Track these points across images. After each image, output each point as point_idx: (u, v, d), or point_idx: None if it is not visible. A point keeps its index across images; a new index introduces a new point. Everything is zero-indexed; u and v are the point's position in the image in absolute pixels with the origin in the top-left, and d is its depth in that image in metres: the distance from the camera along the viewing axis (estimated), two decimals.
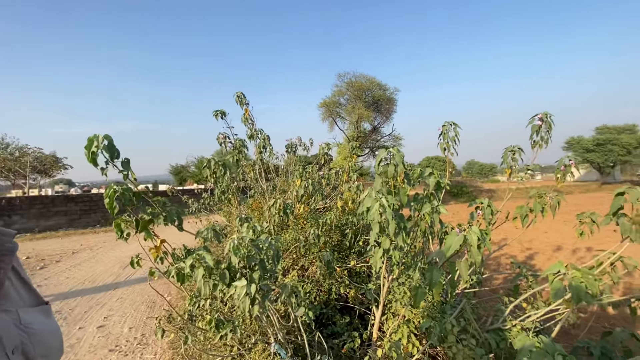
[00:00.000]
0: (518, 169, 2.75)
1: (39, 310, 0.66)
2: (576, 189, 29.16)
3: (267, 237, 1.94)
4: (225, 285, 1.81)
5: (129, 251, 7.45)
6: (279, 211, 3.23)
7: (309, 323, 2.10)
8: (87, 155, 1.68)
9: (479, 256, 1.37)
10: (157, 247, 1.92)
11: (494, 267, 6.20)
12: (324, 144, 4.73)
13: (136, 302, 4.40)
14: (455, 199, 24.40)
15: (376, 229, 1.77)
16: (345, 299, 3.28)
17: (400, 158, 1.72)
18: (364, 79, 24.63)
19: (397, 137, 26.76)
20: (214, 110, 3.63)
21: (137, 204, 1.88)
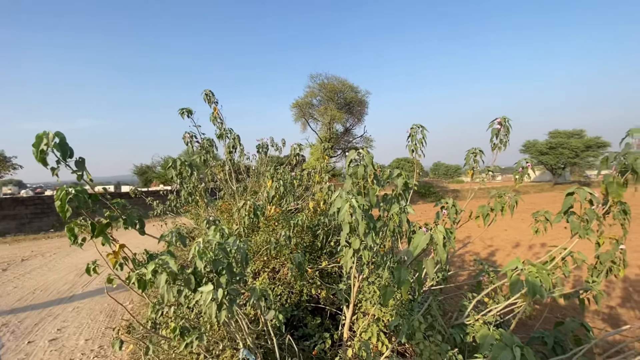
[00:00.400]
0: (480, 170, 2.89)
1: None
2: (532, 188, 31.31)
3: (236, 240, 1.88)
4: (191, 290, 1.73)
5: (87, 257, 6.96)
6: (249, 213, 3.16)
7: (279, 326, 2.07)
8: (35, 154, 1.55)
9: (445, 254, 1.41)
10: (115, 253, 1.80)
11: (459, 264, 6.48)
12: (296, 145, 4.71)
13: (94, 312, 4.11)
14: (423, 199, 25.30)
15: (346, 229, 1.77)
16: (317, 300, 3.27)
17: (370, 159, 1.74)
18: (336, 80, 24.89)
19: (368, 138, 27.30)
20: (180, 108, 3.48)
21: (93, 206, 1.75)
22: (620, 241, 2.05)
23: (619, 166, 1.72)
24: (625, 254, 2.16)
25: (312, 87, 25.38)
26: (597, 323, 3.77)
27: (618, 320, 3.86)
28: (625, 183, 1.72)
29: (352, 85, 25.14)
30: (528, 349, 1.05)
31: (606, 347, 3.06)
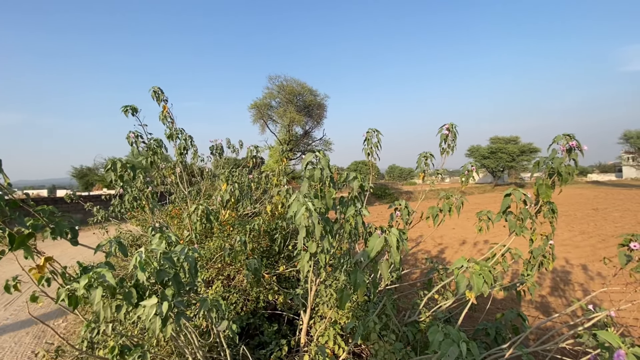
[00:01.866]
0: (430, 173, 3.04)
1: None
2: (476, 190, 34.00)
3: (184, 248, 1.76)
4: (132, 305, 1.58)
5: (12, 270, 6.12)
6: (200, 218, 3.00)
7: (232, 337, 1.97)
8: None
9: (398, 256, 1.45)
10: (40, 267, 1.58)
11: (412, 262, 6.77)
12: (253, 147, 4.59)
13: (19, 334, 3.60)
14: (380, 201, 26.21)
15: (303, 233, 1.74)
16: (274, 306, 3.19)
17: (326, 162, 1.73)
18: (295, 83, 24.91)
19: (327, 141, 27.67)
20: (123, 105, 3.21)
21: (12, 214, 1.52)
22: (549, 237, 2.27)
23: (547, 169, 1.90)
24: (554, 249, 2.40)
25: (271, 89, 25.16)
26: (532, 312, 4.16)
27: (548, 307, 4.29)
28: (553, 185, 1.91)
29: (311, 89, 25.34)
30: (473, 343, 1.10)
31: (540, 334, 3.38)
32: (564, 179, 1.81)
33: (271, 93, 25.07)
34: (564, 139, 1.87)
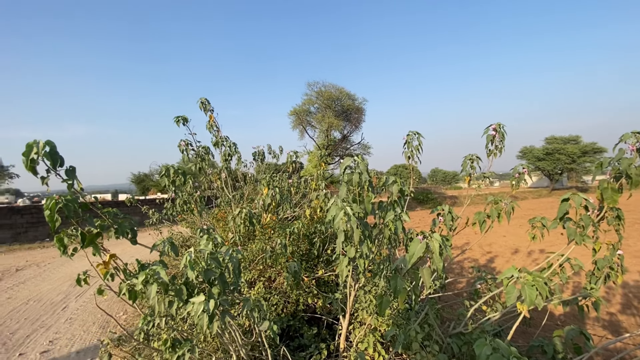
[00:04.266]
0: (476, 177, 2.88)
1: None
2: (530, 194, 31.38)
3: (229, 249, 1.85)
4: (182, 302, 1.70)
5: (82, 267, 6.88)
6: (244, 221, 3.13)
7: (273, 337, 2.02)
8: (25, 163, 1.53)
9: (441, 263, 1.39)
10: (105, 263, 1.76)
11: (457, 271, 6.43)
12: (292, 152, 4.70)
13: (87, 323, 4.03)
14: (422, 206, 25.27)
15: (341, 237, 1.75)
16: (313, 310, 3.22)
17: (365, 166, 1.73)
18: (334, 88, 25.10)
19: (366, 145, 27.43)
20: (175, 116, 3.48)
21: (84, 216, 1.72)
22: (616, 247, 2.03)
23: (614, 171, 1.71)
24: (623, 260, 2.14)
25: (310, 95, 25.58)
26: (597, 330, 3.72)
27: (618, 327, 3.82)
28: (620, 188, 1.71)
29: (349, 93, 25.36)
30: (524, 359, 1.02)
31: (607, 355, 3.01)
32: (634, 181, 1.62)
33: (310, 99, 25.50)
34: (633, 137, 1.67)
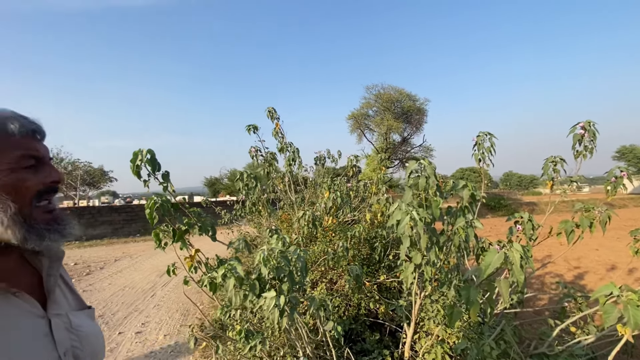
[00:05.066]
0: (561, 181, 2.58)
1: (85, 314, 0.71)
2: (630, 202, 26.62)
3: (296, 249, 1.95)
4: (255, 296, 1.83)
5: (165, 260, 7.79)
6: (307, 223, 3.25)
7: (337, 338, 2.06)
8: (132, 168, 1.80)
9: (522, 275, 1.28)
10: (191, 257, 1.99)
11: (537, 287, 5.76)
12: (352, 156, 4.73)
13: (171, 310, 4.56)
14: (493, 213, 23.16)
15: (407, 243, 1.72)
16: (375, 315, 3.18)
17: (432, 170, 1.68)
18: (393, 90, 24.54)
19: (428, 148, 26.22)
20: (247, 124, 3.77)
21: (175, 214, 1.97)
22: None
23: None
24: None
25: (368, 98, 25.40)
26: None
27: None
28: None
29: (409, 94, 24.55)
30: None
31: None
32: None
33: (368, 102, 25.31)
34: None
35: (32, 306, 0.59)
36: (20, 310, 0.57)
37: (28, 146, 0.57)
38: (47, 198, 0.59)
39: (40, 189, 0.58)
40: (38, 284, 0.63)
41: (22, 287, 0.59)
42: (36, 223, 0.57)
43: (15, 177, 0.55)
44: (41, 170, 0.59)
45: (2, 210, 0.52)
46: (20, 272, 0.62)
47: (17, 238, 0.54)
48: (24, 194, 0.56)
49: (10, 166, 0.54)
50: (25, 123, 0.58)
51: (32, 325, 0.57)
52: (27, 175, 0.56)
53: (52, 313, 0.61)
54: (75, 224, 0.63)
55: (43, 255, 0.65)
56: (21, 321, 0.56)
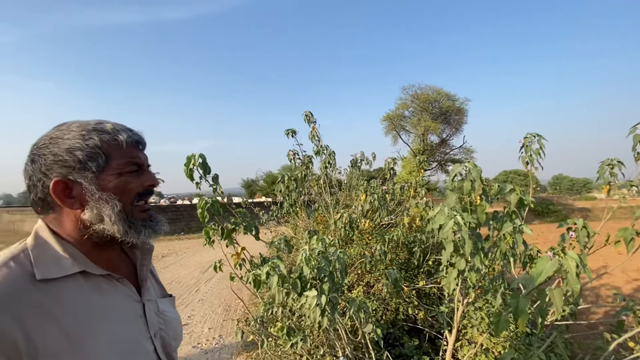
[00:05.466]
0: (619, 185, 2.38)
1: (168, 301, 0.81)
2: None
3: (336, 250, 1.99)
4: (297, 294, 1.90)
5: (208, 257, 8.21)
6: (344, 225, 3.27)
7: (377, 341, 2.07)
8: (186, 171, 1.96)
9: (578, 285, 1.22)
10: (238, 254, 2.11)
11: (591, 299, 5.31)
12: (390, 159, 4.68)
13: (214, 305, 4.81)
14: (540, 219, 21.58)
15: (450, 248, 1.69)
16: (413, 320, 3.13)
17: (478, 173, 1.64)
18: (431, 90, 23.79)
19: (468, 149, 25.08)
20: (286, 129, 3.89)
21: (223, 214, 2.11)
22: None
23: None
24: None
25: (404, 99, 24.83)
26: None
27: None
28: None
29: (448, 94, 23.65)
30: None
31: None
32: None
33: (404, 103, 24.75)
34: None
35: (131, 291, 0.69)
36: (124, 294, 0.67)
37: (132, 154, 0.67)
38: (143, 199, 0.69)
39: (140, 191, 0.67)
40: (133, 273, 0.74)
41: (123, 275, 0.69)
42: (135, 220, 0.66)
43: (121, 180, 0.64)
44: (141, 175, 0.68)
45: (111, 208, 0.62)
46: (121, 262, 0.73)
47: (121, 232, 0.63)
48: (127, 195, 0.65)
49: (119, 171, 0.64)
50: (131, 135, 0.67)
51: (132, 307, 0.68)
52: (131, 179, 0.66)
53: (145, 299, 0.71)
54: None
55: (137, 248, 0.75)
56: (125, 303, 0.67)
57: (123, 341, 0.62)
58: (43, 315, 0.54)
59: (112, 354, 0.59)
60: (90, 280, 0.62)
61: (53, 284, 0.57)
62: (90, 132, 0.63)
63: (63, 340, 0.54)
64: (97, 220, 0.62)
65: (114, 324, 0.62)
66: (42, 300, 0.54)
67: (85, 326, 0.57)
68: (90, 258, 0.64)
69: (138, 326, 0.67)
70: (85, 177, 0.61)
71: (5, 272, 0.54)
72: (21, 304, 0.52)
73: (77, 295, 0.59)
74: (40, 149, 0.62)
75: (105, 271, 0.65)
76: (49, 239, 0.61)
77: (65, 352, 0.54)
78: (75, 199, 0.62)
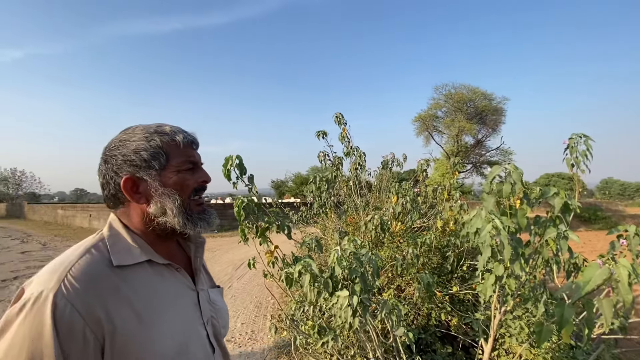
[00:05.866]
0: None
1: (217, 292, 0.88)
2: None
3: (368, 252, 1.99)
4: (328, 293, 1.92)
5: (240, 255, 8.49)
6: (375, 227, 3.25)
7: (408, 345, 2.04)
8: (224, 172, 2.06)
9: (630, 295, 1.14)
10: (271, 252, 2.18)
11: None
12: (423, 160, 4.59)
13: (246, 301, 4.97)
14: (587, 225, 19.98)
15: (487, 253, 1.64)
16: (446, 327, 3.04)
17: (519, 176, 1.58)
18: (466, 89, 22.89)
19: (506, 151, 23.82)
20: (317, 131, 3.94)
21: (258, 213, 2.19)
22: None
23: None
24: None
25: (437, 99, 24.08)
26: None
27: None
28: None
29: (485, 93, 22.62)
30: None
31: None
32: None
33: (437, 103, 24.01)
34: None
35: (188, 280, 0.76)
36: (181, 283, 0.74)
37: (188, 153, 0.73)
38: (198, 194, 0.75)
39: (195, 186, 0.74)
40: (188, 264, 0.81)
41: (181, 265, 0.76)
42: (192, 213, 0.72)
43: (180, 177, 0.71)
44: (196, 172, 0.75)
45: (172, 202, 0.69)
46: (178, 253, 0.81)
47: (180, 224, 0.69)
48: (185, 190, 0.72)
49: (177, 168, 0.71)
50: (186, 135, 0.74)
51: (189, 295, 0.75)
52: (188, 176, 0.72)
53: (199, 288, 0.78)
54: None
55: (191, 242, 0.83)
56: (183, 290, 0.73)
57: (183, 324, 0.69)
58: (119, 297, 0.60)
59: (174, 335, 0.65)
60: (154, 269, 0.69)
61: (126, 270, 0.64)
62: (152, 134, 0.70)
63: (135, 320, 0.60)
64: (161, 213, 0.69)
65: (175, 308, 0.69)
66: (118, 284, 0.61)
67: (153, 309, 0.64)
68: (154, 248, 0.71)
69: (193, 312, 0.74)
70: (149, 175, 0.69)
71: (89, 258, 0.61)
72: (103, 286, 0.59)
73: (145, 281, 0.66)
74: (111, 150, 0.70)
75: (167, 261, 0.72)
76: (121, 231, 0.69)
77: (137, 332, 0.60)
78: (141, 195, 0.69)
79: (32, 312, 0.53)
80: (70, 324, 0.54)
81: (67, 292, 0.55)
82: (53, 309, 0.53)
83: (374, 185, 6.26)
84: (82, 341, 0.54)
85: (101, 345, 0.56)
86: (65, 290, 0.55)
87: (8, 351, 0.51)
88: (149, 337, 0.61)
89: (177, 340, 0.65)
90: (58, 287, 0.55)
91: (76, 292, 0.56)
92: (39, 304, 0.53)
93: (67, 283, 0.56)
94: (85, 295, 0.56)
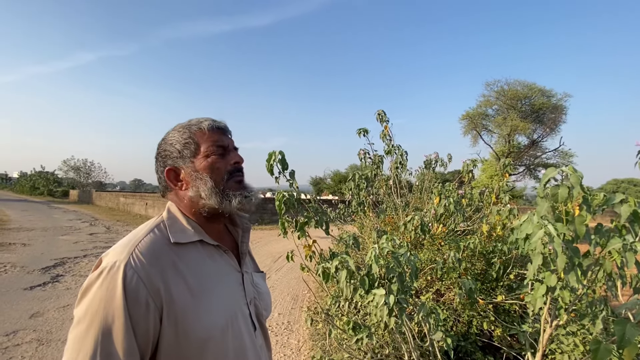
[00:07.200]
0: None
1: (260, 276, 0.94)
2: None
3: (407, 252, 1.95)
4: (364, 291, 1.93)
5: (278, 248, 8.75)
6: (415, 228, 3.17)
7: (446, 351, 1.97)
8: (267, 167, 2.14)
9: None
10: (309, 246, 2.23)
11: None
12: (469, 160, 4.36)
13: (283, 293, 5.13)
14: None
15: (538, 260, 1.52)
16: (488, 337, 2.88)
17: (577, 179, 1.45)
18: (520, 85, 21.20)
19: (566, 153, 21.68)
20: (358, 128, 3.93)
21: (298, 208, 2.25)
22: None
23: None
24: None
25: (488, 96, 22.58)
26: None
27: None
28: None
29: (542, 89, 20.77)
30: None
31: None
32: None
33: (488, 100, 22.51)
34: None
35: (234, 262, 0.83)
36: (228, 264, 0.81)
37: (215, 138, 0.80)
38: (237, 175, 0.81)
39: (228, 169, 0.80)
40: (234, 248, 0.88)
41: (228, 248, 0.83)
42: (229, 192, 0.78)
43: (209, 161, 0.77)
44: (227, 155, 0.81)
45: (204, 184, 0.76)
46: (226, 236, 0.88)
47: (217, 203, 0.76)
48: (216, 173, 0.78)
49: (206, 153, 0.78)
50: (212, 123, 0.81)
51: (234, 275, 0.81)
52: (217, 159, 0.79)
53: (244, 270, 0.85)
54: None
55: (238, 227, 0.89)
56: (230, 270, 0.80)
57: (229, 301, 0.76)
58: (176, 272, 0.68)
59: (220, 311, 0.72)
60: (205, 248, 0.77)
61: (181, 248, 0.72)
62: (184, 127, 0.80)
63: (188, 294, 0.68)
64: (198, 196, 0.76)
65: (222, 286, 0.76)
66: (175, 260, 0.70)
67: (203, 285, 0.71)
68: (205, 230, 0.79)
69: (238, 292, 0.80)
70: (185, 163, 0.78)
71: (153, 236, 0.70)
72: (163, 260, 0.68)
73: (198, 259, 0.74)
74: (157, 149, 0.81)
75: (216, 242, 0.79)
76: (177, 214, 0.78)
77: (189, 305, 0.67)
78: (182, 182, 0.78)
79: (107, 279, 0.62)
80: (136, 291, 0.62)
81: (134, 264, 0.63)
82: (123, 278, 0.61)
83: (415, 185, 6.08)
84: (145, 307, 0.62)
85: (160, 312, 0.64)
86: (133, 263, 0.63)
87: (89, 308, 0.61)
88: (200, 309, 0.68)
89: (224, 315, 0.72)
90: (127, 260, 0.64)
91: (142, 264, 0.64)
92: (113, 272, 0.62)
93: (135, 256, 0.64)
94: (149, 267, 0.65)
